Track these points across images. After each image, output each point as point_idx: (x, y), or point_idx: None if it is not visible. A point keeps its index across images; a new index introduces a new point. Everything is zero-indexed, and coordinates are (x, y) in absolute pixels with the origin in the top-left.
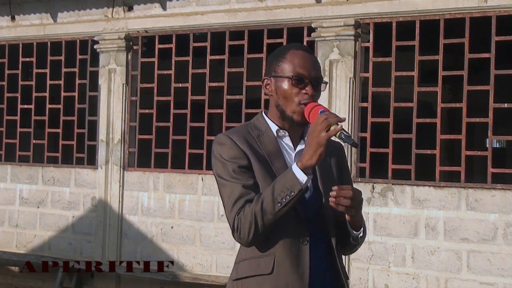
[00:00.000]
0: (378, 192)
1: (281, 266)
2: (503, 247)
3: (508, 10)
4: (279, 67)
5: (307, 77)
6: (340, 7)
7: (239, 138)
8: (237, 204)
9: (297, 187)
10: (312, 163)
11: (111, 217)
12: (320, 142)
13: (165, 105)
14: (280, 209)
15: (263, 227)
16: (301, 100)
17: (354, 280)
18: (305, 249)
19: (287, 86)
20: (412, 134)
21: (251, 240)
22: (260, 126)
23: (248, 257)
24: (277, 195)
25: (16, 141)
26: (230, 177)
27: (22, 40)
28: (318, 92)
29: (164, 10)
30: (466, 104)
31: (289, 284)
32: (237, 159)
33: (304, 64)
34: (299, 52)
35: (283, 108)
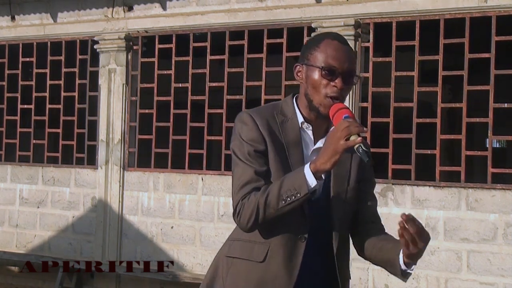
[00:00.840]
0: (378, 192)
1: (273, 257)
2: (503, 247)
3: (508, 10)
4: (312, 55)
5: (338, 69)
6: (340, 7)
7: (262, 121)
8: (244, 188)
9: (304, 190)
10: (325, 168)
11: (111, 217)
12: (337, 150)
13: (165, 105)
14: (284, 207)
15: (263, 219)
16: (328, 92)
17: (354, 280)
18: (301, 245)
19: (317, 76)
20: (412, 134)
21: (249, 228)
22: (287, 111)
23: (244, 239)
24: (283, 192)
25: (16, 141)
26: (245, 158)
27: (22, 40)
28: (348, 86)
29: (164, 10)
30: (466, 104)
31: (278, 277)
32: (255, 142)
33: (337, 55)
34: (334, 42)
35: (310, 98)
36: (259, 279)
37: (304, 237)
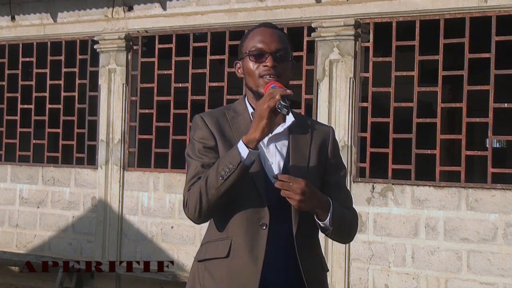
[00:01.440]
0: (378, 192)
1: (237, 250)
2: (503, 247)
3: (508, 10)
4: (243, 47)
5: (265, 50)
6: (340, 7)
7: (211, 119)
8: (191, 180)
9: (237, 160)
10: (255, 136)
11: (111, 217)
12: (261, 114)
13: (165, 105)
14: (222, 183)
15: (208, 203)
16: (261, 72)
17: (354, 280)
18: (263, 233)
19: (249, 63)
20: (412, 134)
21: (197, 217)
22: (239, 108)
23: (211, 240)
24: (220, 169)
25: (16, 141)
26: (195, 156)
27: (22, 40)
28: (281, 64)
29: (164, 10)
30: (466, 104)
31: (243, 268)
32: (204, 139)
33: (263, 39)
34: (260, 29)
35: (250, 85)
36: (227, 274)
37: (265, 224)
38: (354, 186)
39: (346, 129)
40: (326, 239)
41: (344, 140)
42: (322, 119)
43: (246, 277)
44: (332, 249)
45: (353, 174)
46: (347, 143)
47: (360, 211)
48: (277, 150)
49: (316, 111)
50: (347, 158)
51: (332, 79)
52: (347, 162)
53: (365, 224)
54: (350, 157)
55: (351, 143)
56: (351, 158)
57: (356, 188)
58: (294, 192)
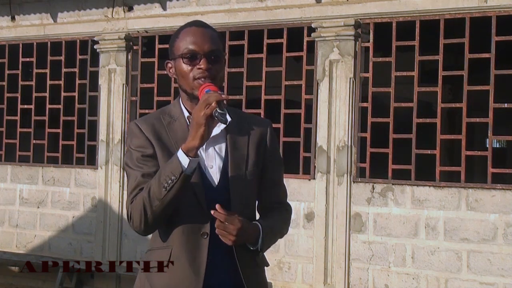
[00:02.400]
0: (378, 192)
1: (177, 259)
2: (503, 247)
3: (508, 10)
4: (174, 47)
5: (198, 52)
6: (340, 7)
7: (147, 126)
8: (133, 192)
9: (178, 170)
10: (195, 144)
11: (111, 217)
12: (199, 122)
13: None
14: (166, 194)
15: (153, 214)
16: (195, 75)
17: (354, 280)
18: (204, 242)
19: (182, 65)
20: (412, 134)
21: (144, 229)
22: (174, 112)
23: (152, 248)
24: (162, 180)
25: (16, 141)
26: (134, 165)
27: (22, 40)
28: (215, 65)
29: (164, 10)
30: (466, 104)
31: (184, 279)
32: (142, 147)
33: (195, 40)
34: (191, 28)
35: (184, 88)
36: (167, 284)
37: (206, 233)
38: (354, 186)
39: (346, 129)
40: (325, 239)
41: (344, 140)
42: (322, 119)
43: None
44: (332, 249)
45: (353, 174)
46: (347, 143)
47: (360, 211)
48: (216, 152)
49: (316, 111)
50: (347, 158)
51: (332, 79)
52: (347, 162)
53: (365, 224)
54: (350, 157)
55: (351, 143)
56: (351, 158)
57: (356, 188)
58: (230, 233)
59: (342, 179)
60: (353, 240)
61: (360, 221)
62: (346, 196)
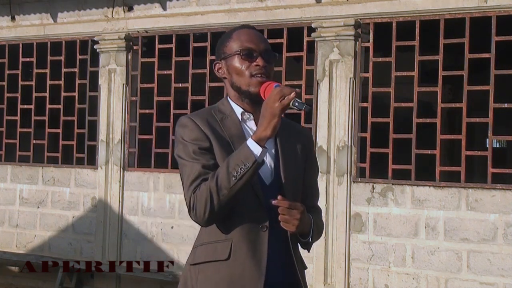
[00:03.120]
0: (378, 192)
1: (237, 252)
2: (503, 247)
3: (508, 10)
4: (227, 47)
5: (255, 50)
6: (340, 7)
7: (202, 121)
8: (194, 183)
9: (251, 159)
10: (266, 134)
11: (111, 217)
12: (274, 112)
13: (165, 105)
14: (235, 183)
15: (219, 204)
16: (252, 71)
17: (354, 280)
18: (263, 235)
19: (237, 62)
20: (412, 134)
21: (207, 219)
22: (224, 109)
23: (206, 242)
24: (231, 169)
25: (16, 141)
26: (190, 157)
27: (22, 40)
28: (270, 64)
29: (164, 10)
30: (466, 104)
31: (246, 271)
32: (198, 141)
33: (250, 39)
34: (243, 30)
35: (238, 85)
36: (228, 277)
37: (265, 226)
38: (354, 186)
39: (346, 129)
40: (325, 239)
41: (344, 140)
42: (322, 119)
43: (249, 280)
44: (332, 249)
45: (353, 174)
46: (347, 143)
47: (360, 211)
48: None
49: (316, 111)
50: (347, 158)
51: (332, 79)
52: (347, 162)
53: (365, 224)
54: (350, 157)
55: (351, 143)
56: (351, 158)
57: (356, 188)
58: (294, 217)
59: (342, 179)
60: (353, 240)
61: (360, 221)
62: (346, 196)
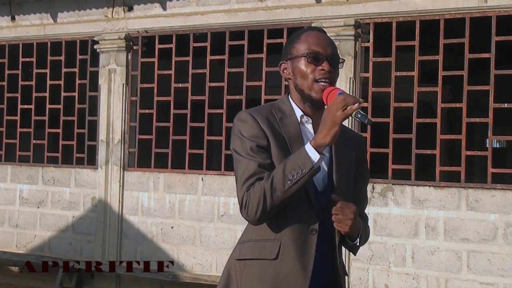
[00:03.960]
0: (378, 192)
1: (286, 253)
2: (503, 247)
3: (508, 10)
4: (294, 48)
5: (322, 54)
6: (340, 7)
7: (261, 118)
8: (248, 180)
9: (309, 165)
10: (326, 141)
11: (111, 217)
12: (335, 121)
13: (165, 105)
14: (290, 187)
15: (271, 205)
16: (316, 76)
17: (354, 280)
18: (312, 239)
19: (303, 65)
20: (412, 134)
21: (258, 218)
22: (285, 108)
23: (254, 239)
24: (288, 172)
25: (16, 141)
26: (247, 154)
27: (22, 40)
28: (335, 70)
29: (164, 10)
30: (466, 104)
31: (292, 273)
32: (257, 138)
33: (319, 42)
34: (313, 32)
35: (301, 88)
36: (274, 276)
37: (315, 230)
38: None
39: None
40: None
41: None
42: None
43: (294, 281)
44: None
45: None
46: None
47: None
48: None
49: None
50: None
51: None
52: None
53: None
54: None
55: None
56: None
57: None
58: (347, 217)
59: None
60: None
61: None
62: None
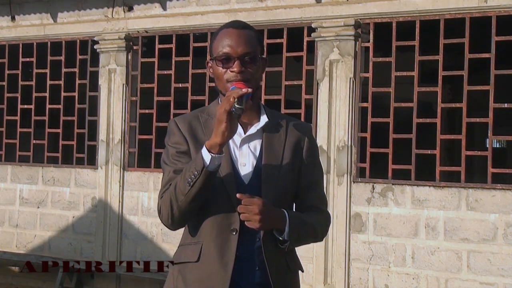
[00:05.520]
0: (378, 192)
1: (207, 254)
2: (503, 247)
3: (508, 10)
4: (212, 48)
5: (232, 55)
6: (340, 7)
7: (184, 123)
8: (164, 187)
9: (200, 166)
10: (216, 141)
11: (111, 217)
12: (220, 118)
13: (165, 105)
14: (190, 190)
15: (179, 210)
16: (228, 78)
17: (354, 280)
18: (233, 238)
19: (217, 67)
20: (412, 134)
21: (171, 223)
22: (212, 111)
23: (183, 243)
24: (187, 176)
25: (16, 141)
26: (169, 161)
27: (22, 40)
28: (249, 68)
29: (164, 10)
30: (466, 104)
31: (213, 274)
32: (177, 144)
33: (230, 42)
34: (228, 30)
35: (219, 88)
36: (197, 279)
37: (235, 229)
38: (354, 186)
39: (346, 129)
40: (326, 239)
41: (344, 140)
42: (322, 119)
43: (215, 282)
44: (332, 249)
45: (353, 174)
46: (347, 143)
47: (360, 211)
48: (250, 151)
49: (316, 111)
50: (347, 158)
51: (332, 79)
52: (347, 162)
53: (365, 224)
54: (350, 157)
55: (351, 143)
56: (351, 158)
57: (356, 188)
58: (253, 213)
59: (342, 179)
60: (353, 240)
61: (360, 221)
62: (346, 196)
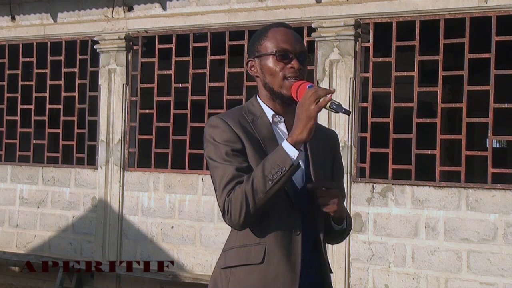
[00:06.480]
0: (378, 192)
1: (272, 255)
2: (503, 247)
3: (508, 10)
4: (261, 46)
5: (291, 52)
6: (340, 7)
7: (233, 121)
8: (228, 186)
9: (288, 162)
10: (302, 137)
11: (111, 217)
12: (310, 115)
13: (165, 105)
14: (272, 187)
15: (255, 207)
16: (287, 74)
17: (354, 280)
18: (297, 239)
19: (272, 63)
20: (412, 134)
21: (242, 222)
22: (255, 110)
23: (238, 245)
24: (267, 172)
25: (16, 141)
26: (223, 159)
27: (22, 40)
28: (304, 67)
29: (164, 10)
30: (466, 104)
31: (280, 275)
32: (231, 142)
33: (287, 39)
34: (280, 29)
35: (270, 86)
36: (262, 280)
37: (298, 230)
38: (354, 186)
39: (346, 129)
40: None
41: (344, 140)
42: (322, 119)
43: (282, 283)
44: (332, 249)
45: (353, 174)
46: (347, 143)
47: (360, 211)
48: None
49: None
50: (347, 158)
51: (332, 79)
52: (347, 162)
53: (365, 224)
54: (350, 157)
55: (351, 143)
56: (351, 158)
57: (356, 188)
58: (333, 197)
59: None
60: (353, 240)
61: (360, 221)
62: (346, 196)
